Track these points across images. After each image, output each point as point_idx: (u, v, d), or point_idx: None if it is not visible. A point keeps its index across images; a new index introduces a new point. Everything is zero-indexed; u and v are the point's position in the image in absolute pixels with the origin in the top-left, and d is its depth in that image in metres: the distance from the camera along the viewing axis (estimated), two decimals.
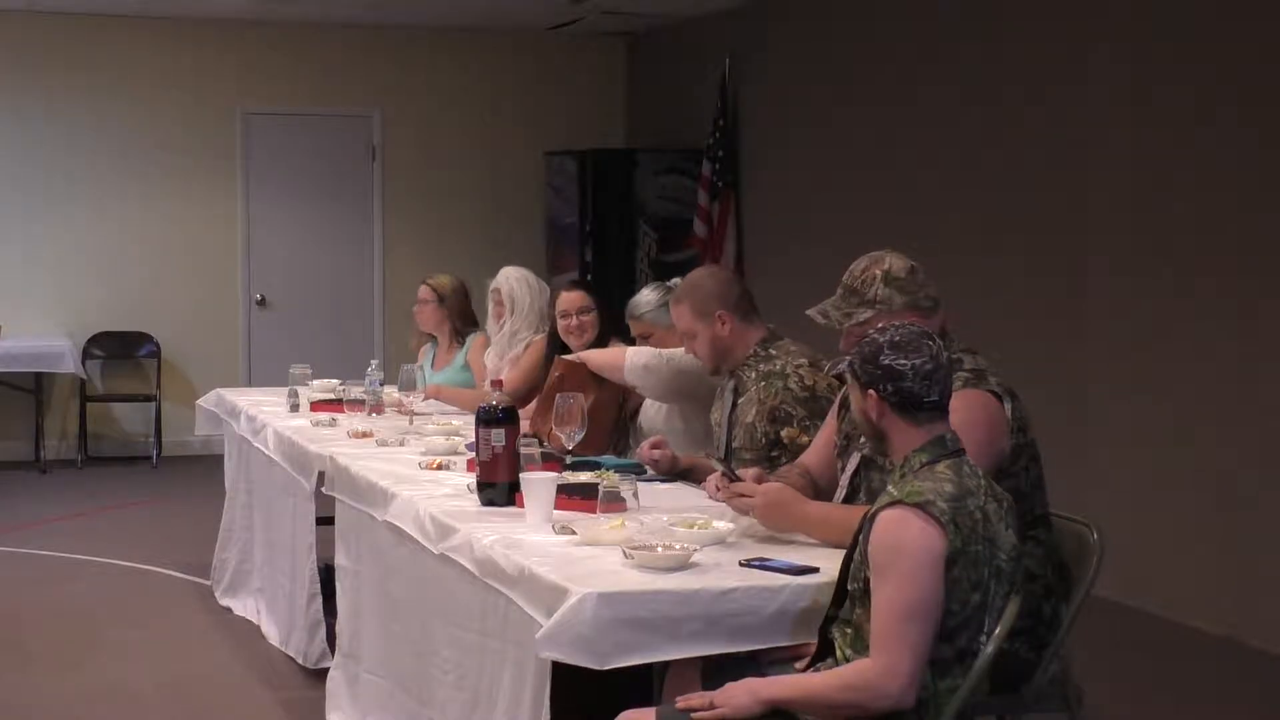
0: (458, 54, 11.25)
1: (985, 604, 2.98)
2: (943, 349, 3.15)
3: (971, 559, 2.95)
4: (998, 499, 3.08)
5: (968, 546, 2.94)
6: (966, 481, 3.03)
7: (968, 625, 2.98)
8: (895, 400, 3.10)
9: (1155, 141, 6.69)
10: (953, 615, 2.95)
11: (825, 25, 9.15)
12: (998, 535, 3.01)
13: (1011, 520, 3.08)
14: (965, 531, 2.94)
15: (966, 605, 2.96)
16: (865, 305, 3.59)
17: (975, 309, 7.65)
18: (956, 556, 2.93)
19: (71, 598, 6.85)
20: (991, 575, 2.99)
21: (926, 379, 3.08)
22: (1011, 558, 3.04)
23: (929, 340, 3.13)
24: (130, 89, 10.68)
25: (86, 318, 10.67)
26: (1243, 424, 6.27)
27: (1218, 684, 5.83)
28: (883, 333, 3.18)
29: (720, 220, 9.83)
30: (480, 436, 4.11)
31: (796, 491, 3.66)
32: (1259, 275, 6.19)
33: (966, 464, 3.08)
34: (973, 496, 3.00)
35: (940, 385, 3.11)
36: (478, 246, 10.86)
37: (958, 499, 2.97)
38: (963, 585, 2.95)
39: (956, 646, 2.98)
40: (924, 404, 3.09)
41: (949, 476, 3.02)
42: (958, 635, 2.97)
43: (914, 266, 3.67)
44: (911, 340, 3.12)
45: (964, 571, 2.94)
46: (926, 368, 3.09)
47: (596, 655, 3.16)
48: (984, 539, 2.98)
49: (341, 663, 4.93)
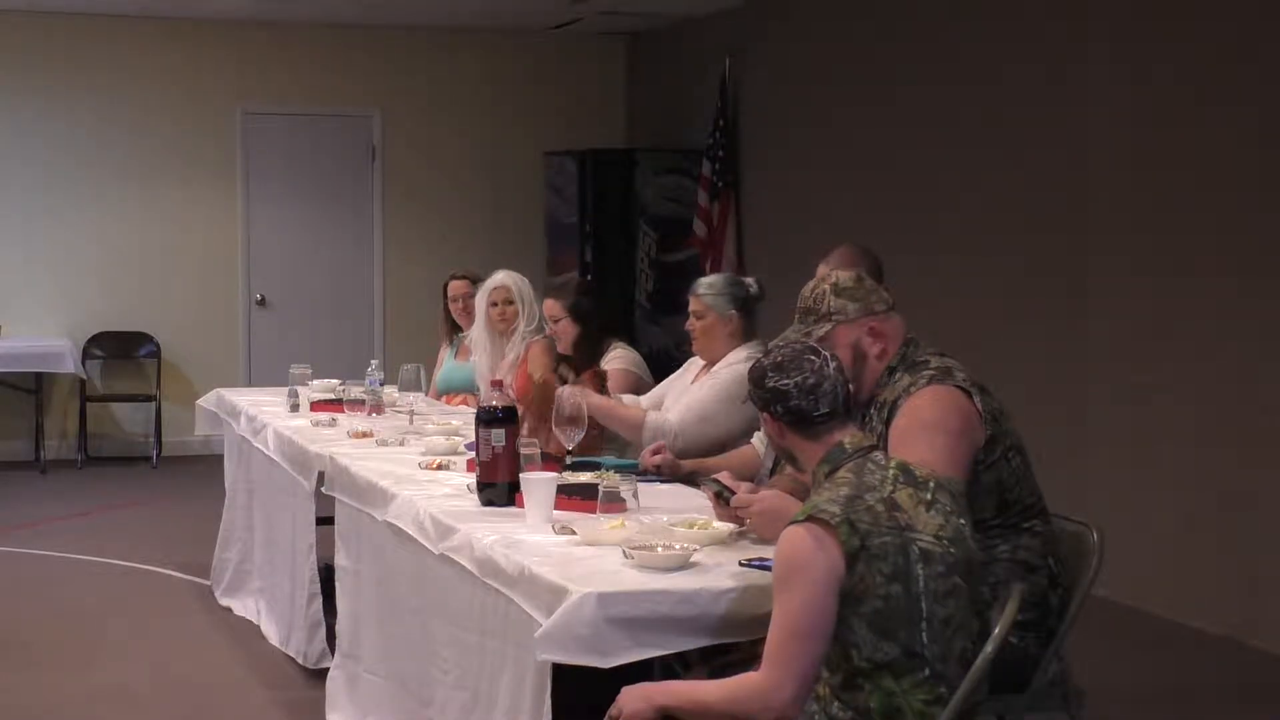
0: (458, 54, 11.26)
1: (913, 591, 2.94)
2: (827, 362, 3.17)
3: (876, 552, 2.93)
4: (917, 483, 3.06)
5: (868, 541, 2.93)
6: (866, 478, 3.03)
7: (902, 618, 2.93)
8: (788, 419, 3.16)
9: (1156, 141, 6.69)
10: (879, 613, 2.92)
11: (825, 25, 9.15)
12: (915, 519, 2.99)
13: (943, 500, 3.06)
14: (864, 528, 2.93)
15: (889, 599, 2.93)
16: (822, 320, 3.61)
17: (975, 309, 7.67)
18: (857, 554, 2.92)
19: (71, 598, 6.85)
20: (915, 560, 2.96)
21: (811, 394, 3.13)
22: (945, 537, 3.00)
23: (811, 355, 3.17)
24: (130, 89, 10.69)
25: (86, 318, 10.67)
26: (1243, 424, 6.27)
27: (1218, 684, 5.83)
28: (768, 355, 3.23)
29: (720, 220, 9.83)
30: (480, 436, 4.11)
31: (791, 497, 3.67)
32: (1259, 275, 6.19)
33: (871, 460, 3.09)
34: (873, 491, 3.00)
35: (829, 397, 3.14)
36: (478, 246, 10.87)
37: (852, 498, 2.98)
38: (875, 580, 2.92)
39: (900, 642, 2.94)
40: (815, 418, 3.14)
41: (846, 480, 3.03)
42: (894, 631, 2.93)
43: (860, 275, 3.70)
44: (792, 359, 3.17)
45: (870, 567, 2.92)
46: (809, 383, 3.13)
47: (596, 655, 3.16)
48: (892, 528, 2.96)
49: (341, 663, 4.93)
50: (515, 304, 6.38)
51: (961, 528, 3.07)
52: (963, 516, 3.10)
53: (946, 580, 2.99)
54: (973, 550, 3.08)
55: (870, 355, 3.61)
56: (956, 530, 3.05)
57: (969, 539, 3.08)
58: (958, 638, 3.00)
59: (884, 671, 2.94)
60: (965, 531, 3.08)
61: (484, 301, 6.43)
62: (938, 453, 3.34)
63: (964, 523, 3.09)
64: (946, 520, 3.04)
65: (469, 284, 6.96)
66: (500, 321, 6.40)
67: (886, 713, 2.94)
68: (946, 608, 2.98)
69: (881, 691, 2.94)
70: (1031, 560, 3.53)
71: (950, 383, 3.52)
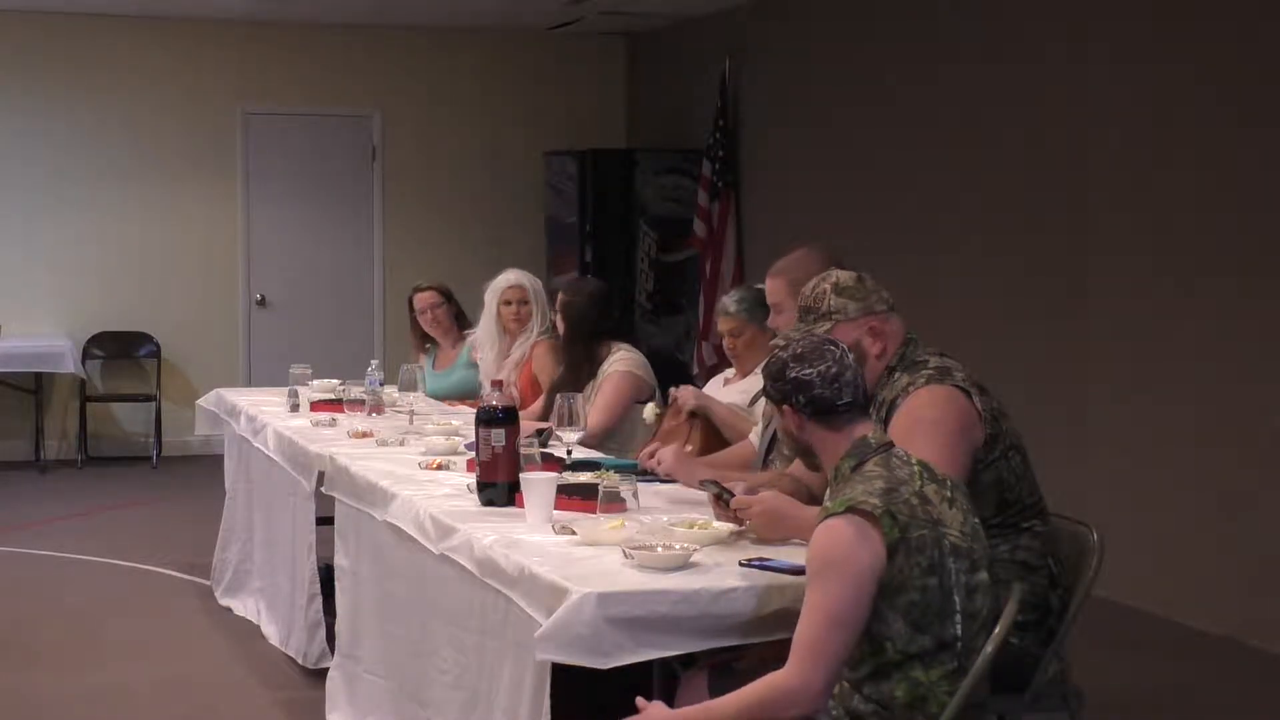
0: (458, 54, 11.25)
1: (946, 585, 2.98)
2: (846, 353, 3.19)
3: (915, 545, 2.96)
4: (938, 480, 3.10)
5: (908, 534, 2.95)
6: (897, 472, 3.05)
7: (936, 611, 2.97)
8: (810, 410, 3.16)
9: (1156, 141, 6.69)
10: (915, 606, 2.95)
11: (825, 25, 9.15)
12: (943, 514, 3.03)
13: (960, 498, 3.10)
14: (903, 520, 2.96)
15: (926, 591, 2.96)
16: (822, 318, 3.62)
17: (975, 309, 7.67)
18: (897, 546, 2.94)
19: (71, 598, 6.85)
20: (948, 554, 3.00)
21: (834, 382, 3.13)
22: (967, 534, 3.05)
23: (831, 346, 3.19)
24: (130, 89, 10.68)
25: (86, 318, 10.67)
26: (1243, 424, 6.27)
27: (1218, 684, 5.83)
28: (785, 348, 3.23)
29: (720, 220, 9.83)
30: (480, 436, 4.11)
31: (790, 498, 3.67)
32: (1259, 275, 6.19)
33: (896, 455, 3.11)
34: (906, 485, 3.03)
35: (851, 387, 3.15)
36: (478, 246, 10.88)
37: (889, 491, 3.00)
38: (913, 573, 2.95)
39: (934, 634, 2.97)
40: (838, 407, 3.14)
41: (878, 473, 3.05)
42: (929, 623, 2.97)
43: (861, 275, 3.71)
44: (813, 349, 3.18)
45: (909, 559, 2.95)
46: (832, 371, 3.14)
47: (596, 655, 3.16)
48: (926, 521, 2.99)
49: (341, 663, 4.93)
50: (530, 304, 6.36)
51: (978, 526, 3.12)
52: (976, 515, 3.14)
53: (973, 576, 3.03)
54: (988, 549, 3.13)
55: (870, 355, 3.61)
56: (975, 528, 3.10)
57: (984, 538, 3.12)
58: (982, 634, 3.04)
59: (914, 662, 2.97)
60: (980, 531, 3.12)
61: (495, 300, 6.38)
62: (936, 452, 3.34)
63: (978, 522, 3.14)
64: (966, 518, 3.08)
65: (436, 294, 7.02)
66: (513, 321, 6.35)
67: (911, 702, 2.97)
68: (974, 603, 3.03)
69: (909, 681, 2.97)
70: (1031, 560, 3.54)
71: (949, 382, 3.53)
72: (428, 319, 7.02)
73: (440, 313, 7.00)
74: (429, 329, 7.05)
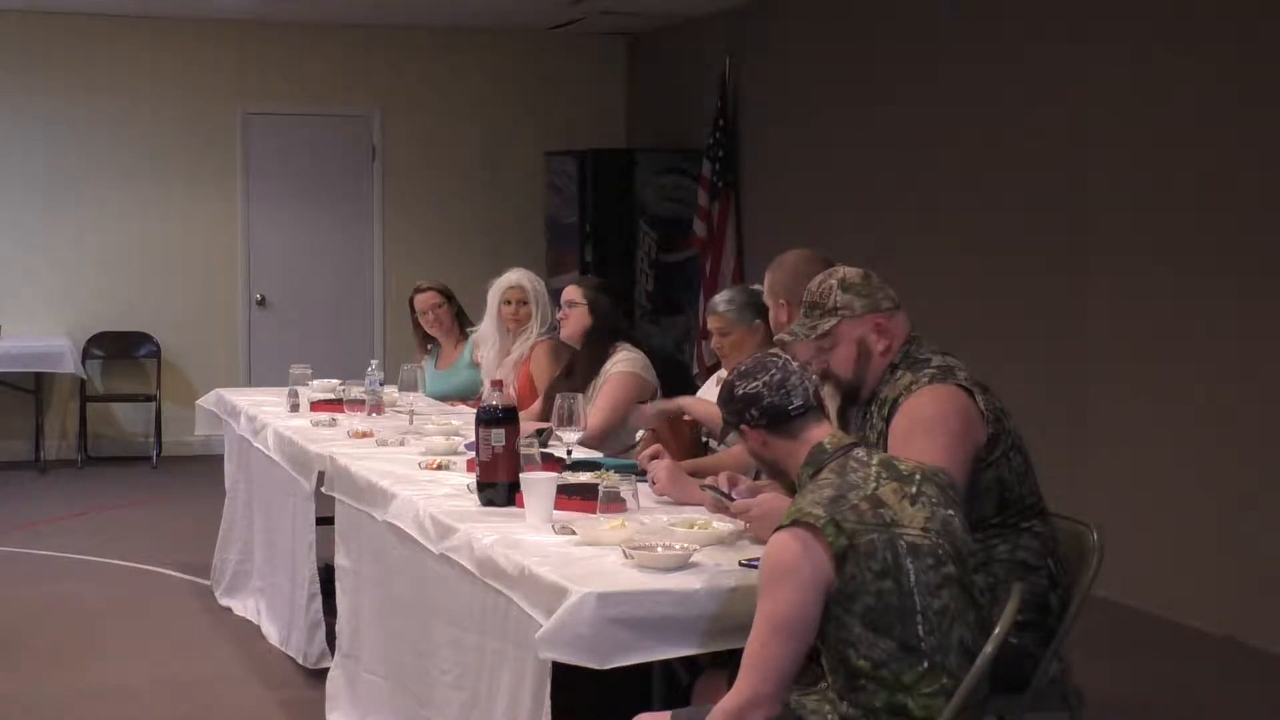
0: (458, 54, 11.26)
1: (905, 586, 2.96)
2: (789, 361, 3.24)
3: (864, 550, 2.94)
4: (901, 477, 3.08)
5: (856, 540, 2.94)
6: (850, 477, 3.05)
7: (895, 612, 2.95)
8: (765, 422, 3.19)
9: (1157, 141, 6.69)
10: (871, 610, 2.94)
11: (825, 25, 9.15)
12: (901, 514, 3.01)
13: (930, 492, 3.07)
14: (849, 527, 2.95)
15: (881, 594, 2.94)
16: (828, 315, 3.62)
17: (976, 308, 7.67)
18: (845, 553, 2.94)
19: (71, 598, 6.84)
20: (904, 554, 2.97)
21: (781, 388, 3.18)
22: (932, 529, 3.02)
23: (773, 357, 3.25)
24: (131, 89, 10.68)
25: (86, 318, 10.67)
26: (1243, 424, 6.27)
27: (1218, 684, 5.83)
28: (731, 372, 3.30)
29: (720, 220, 9.83)
30: (480, 436, 4.11)
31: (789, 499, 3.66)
32: (1259, 275, 6.19)
33: (854, 457, 3.11)
34: (857, 489, 3.02)
35: (799, 390, 3.18)
36: (478, 246, 10.88)
37: (835, 499, 2.99)
38: (866, 578, 2.94)
39: (895, 637, 2.95)
40: (790, 413, 3.17)
41: (830, 480, 3.05)
42: (889, 626, 2.94)
43: (867, 273, 3.71)
44: (755, 364, 3.25)
45: (860, 565, 2.94)
46: (777, 379, 3.19)
47: (596, 655, 3.16)
48: (877, 525, 2.97)
49: (341, 663, 4.93)
50: (529, 305, 6.37)
51: (949, 519, 3.08)
52: (950, 508, 3.10)
53: (938, 571, 3.00)
54: (962, 539, 3.09)
55: (875, 352, 3.62)
56: (944, 521, 3.06)
57: (958, 529, 3.09)
58: (956, 627, 3.01)
59: (884, 669, 2.95)
60: (954, 522, 3.08)
61: (496, 299, 6.39)
62: (938, 451, 3.34)
63: (952, 514, 3.09)
64: (933, 512, 3.05)
65: (437, 295, 7.04)
66: (512, 321, 6.37)
67: (892, 709, 2.95)
68: (941, 599, 2.99)
69: (884, 690, 2.95)
70: (1031, 560, 3.53)
71: (951, 381, 3.53)
72: (428, 319, 7.04)
73: (441, 313, 7.02)
74: (430, 329, 7.07)
